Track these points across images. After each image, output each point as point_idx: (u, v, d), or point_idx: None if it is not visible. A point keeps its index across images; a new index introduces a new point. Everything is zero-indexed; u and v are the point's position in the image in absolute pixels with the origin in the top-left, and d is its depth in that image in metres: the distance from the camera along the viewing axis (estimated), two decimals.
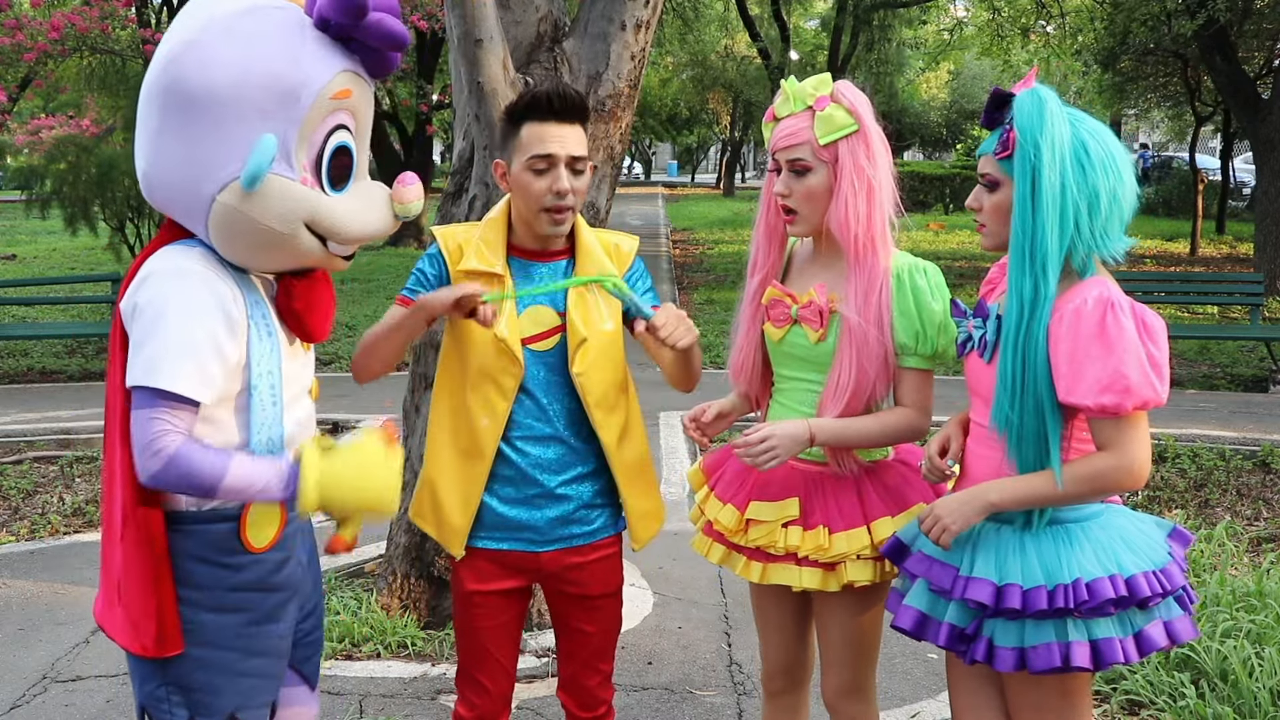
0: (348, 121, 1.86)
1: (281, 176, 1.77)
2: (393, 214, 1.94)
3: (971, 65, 32.31)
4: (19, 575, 4.57)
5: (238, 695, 1.91)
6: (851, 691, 2.35)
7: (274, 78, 1.74)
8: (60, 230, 11.73)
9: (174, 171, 1.81)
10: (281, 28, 1.79)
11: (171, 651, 1.84)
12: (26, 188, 10.53)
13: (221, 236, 1.81)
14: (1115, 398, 1.83)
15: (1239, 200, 23.94)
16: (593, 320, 2.27)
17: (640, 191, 35.07)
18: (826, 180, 2.20)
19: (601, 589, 2.36)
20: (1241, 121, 13.68)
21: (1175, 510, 5.38)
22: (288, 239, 1.81)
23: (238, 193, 1.75)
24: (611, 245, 2.34)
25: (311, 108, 1.78)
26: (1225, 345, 10.03)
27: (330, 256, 1.90)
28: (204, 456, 1.74)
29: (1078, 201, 1.88)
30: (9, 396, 7.95)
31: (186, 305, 1.75)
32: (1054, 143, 1.88)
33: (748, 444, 2.19)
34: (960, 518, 1.97)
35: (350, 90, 1.83)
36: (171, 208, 1.86)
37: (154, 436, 1.72)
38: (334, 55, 1.82)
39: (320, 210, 1.82)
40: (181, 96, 1.76)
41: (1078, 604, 1.88)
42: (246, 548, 1.89)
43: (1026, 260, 1.91)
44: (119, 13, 10.87)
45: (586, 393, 2.25)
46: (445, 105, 16.75)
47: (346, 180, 1.89)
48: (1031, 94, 1.92)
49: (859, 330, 2.19)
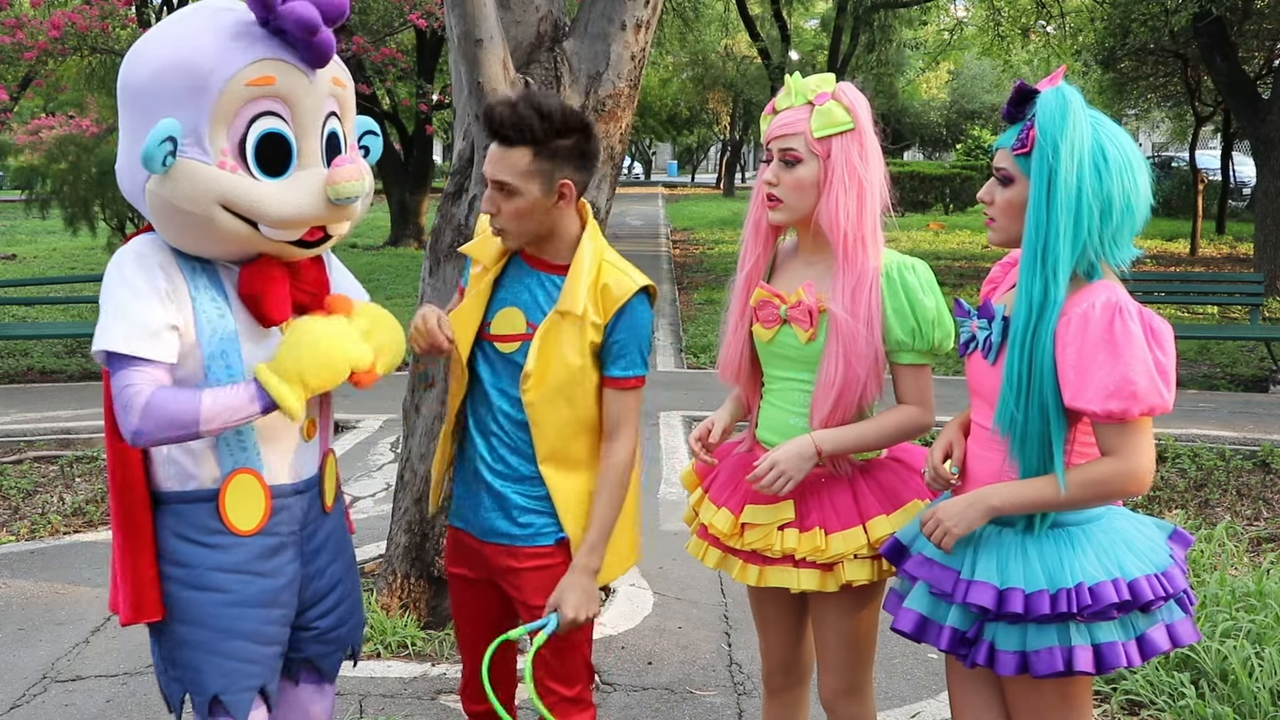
0: (277, 109, 1.89)
1: (193, 160, 1.85)
2: (326, 198, 1.92)
3: (971, 65, 32.30)
4: (19, 575, 4.57)
5: (221, 677, 1.98)
6: (849, 692, 2.35)
7: (186, 66, 1.84)
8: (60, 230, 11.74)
9: (125, 161, 1.95)
10: (209, 23, 1.89)
11: (149, 618, 1.96)
12: (26, 187, 10.53)
13: (156, 221, 1.92)
14: (1122, 403, 1.82)
15: (1239, 200, 23.94)
16: (550, 353, 2.17)
17: (640, 191, 35.08)
18: (816, 174, 2.20)
19: (539, 600, 2.23)
20: (1241, 121, 13.68)
21: (1175, 510, 5.38)
22: (203, 220, 1.87)
23: (155, 178, 1.86)
24: (600, 286, 2.19)
25: (223, 94, 1.83)
26: (1225, 345, 10.03)
27: (271, 242, 1.93)
28: (175, 398, 1.85)
29: (1091, 206, 1.87)
30: (9, 396, 7.95)
31: (123, 277, 1.88)
32: (1074, 145, 1.86)
33: (757, 477, 2.20)
34: (963, 521, 1.97)
35: (272, 78, 1.87)
36: (132, 198, 1.97)
37: (125, 396, 1.84)
38: (255, 45, 1.87)
39: (235, 192, 1.86)
40: (123, 93, 1.93)
41: (1080, 608, 1.88)
42: (230, 529, 1.96)
43: (1038, 262, 1.90)
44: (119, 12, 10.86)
45: (533, 423, 2.20)
46: (445, 105, 16.75)
47: (285, 168, 1.92)
48: (1056, 93, 1.90)
49: (847, 326, 2.18)
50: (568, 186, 2.15)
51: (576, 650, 2.28)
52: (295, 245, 1.95)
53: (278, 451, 2.01)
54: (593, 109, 3.71)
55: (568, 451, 2.22)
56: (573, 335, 2.17)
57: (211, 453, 1.96)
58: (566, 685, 2.28)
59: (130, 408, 1.83)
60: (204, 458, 1.96)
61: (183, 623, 1.97)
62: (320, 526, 2.13)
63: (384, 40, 12.73)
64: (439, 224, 3.91)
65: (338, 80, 2.00)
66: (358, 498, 5.66)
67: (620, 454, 2.22)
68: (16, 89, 12.71)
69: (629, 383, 2.21)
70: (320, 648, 2.16)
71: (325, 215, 1.95)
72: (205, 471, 1.96)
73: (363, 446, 6.66)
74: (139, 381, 1.84)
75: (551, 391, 2.18)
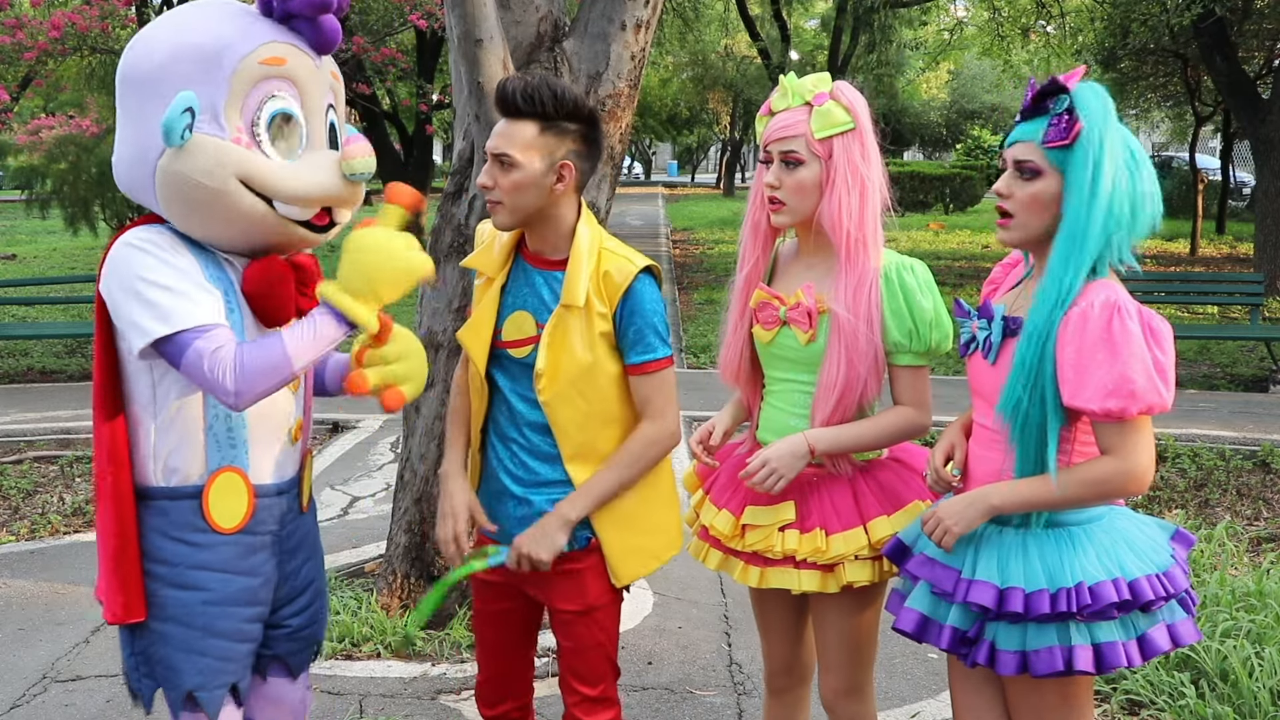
0: (286, 90, 1.92)
1: (210, 136, 1.86)
2: (341, 175, 1.96)
3: (971, 65, 32.29)
4: (19, 575, 4.57)
5: (197, 674, 1.98)
6: (849, 692, 2.34)
7: (197, 49, 1.87)
8: (60, 230, 11.75)
9: (127, 151, 1.94)
10: (217, 10, 1.93)
11: (134, 618, 1.95)
12: (27, 187, 10.54)
13: (166, 201, 1.90)
14: (1120, 402, 1.82)
15: (1239, 200, 23.94)
16: (560, 350, 2.16)
17: (640, 191, 35.07)
18: (817, 175, 2.19)
19: (566, 604, 2.24)
20: (1241, 121, 13.68)
21: (1175, 510, 5.38)
22: (221, 194, 1.87)
23: (171, 153, 1.85)
24: (601, 274, 2.17)
25: (236, 72, 1.86)
26: (1225, 345, 10.04)
27: (282, 223, 1.93)
28: (258, 350, 1.84)
29: (1123, 203, 1.89)
30: (9, 396, 7.95)
31: (151, 260, 1.86)
32: (1114, 140, 1.88)
33: (749, 474, 2.19)
34: (963, 520, 1.97)
35: (284, 59, 1.90)
36: (133, 189, 1.97)
37: (210, 365, 1.82)
38: (264, 27, 1.91)
39: (253, 166, 1.88)
40: (127, 83, 1.93)
41: (1080, 607, 1.88)
42: (212, 527, 1.96)
43: (1075, 251, 1.89)
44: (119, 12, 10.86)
45: (553, 422, 2.20)
46: (445, 105, 16.73)
47: (295, 149, 1.95)
48: (1093, 88, 1.91)
49: (848, 326, 2.18)
50: (568, 168, 2.14)
51: (598, 649, 2.28)
52: (304, 228, 1.96)
53: (265, 451, 2.02)
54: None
55: (594, 446, 2.21)
56: (580, 328, 2.16)
57: (200, 448, 1.95)
58: (589, 685, 2.28)
59: (223, 374, 1.81)
60: (193, 452, 1.95)
61: (162, 620, 1.97)
62: (297, 527, 2.13)
63: (384, 40, 12.72)
64: (439, 224, 3.91)
65: (335, 74, 2.05)
66: (358, 498, 5.66)
67: (647, 430, 2.21)
68: (16, 89, 12.69)
69: (650, 367, 2.19)
70: (290, 645, 2.17)
71: (340, 191, 1.97)
72: (192, 467, 1.95)
73: (363, 446, 6.66)
74: (214, 347, 1.82)
75: (566, 387, 2.17)
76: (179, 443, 1.95)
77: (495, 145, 2.13)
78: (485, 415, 2.30)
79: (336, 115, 2.04)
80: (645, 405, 2.22)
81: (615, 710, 2.32)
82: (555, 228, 2.20)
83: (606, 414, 2.21)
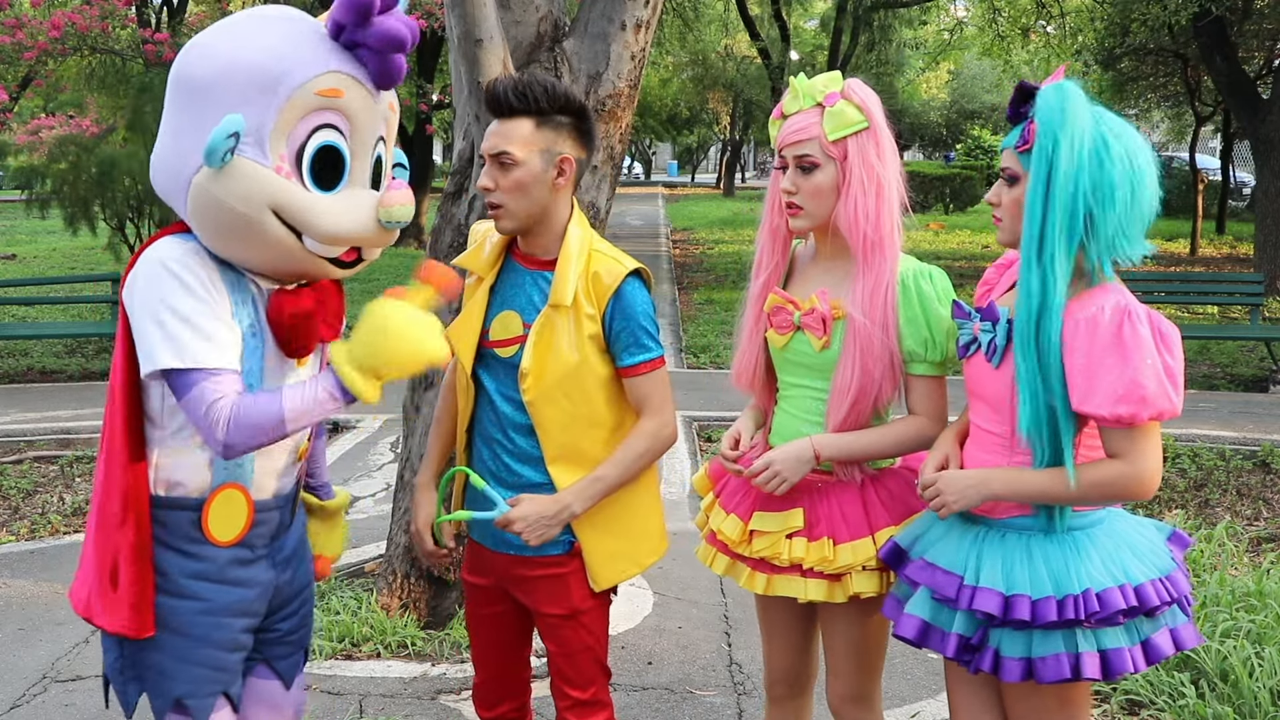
0: (338, 123, 1.85)
1: (251, 160, 1.80)
2: (377, 219, 1.90)
3: (971, 65, 32.28)
4: (19, 575, 4.57)
5: (187, 683, 1.96)
6: (857, 699, 2.33)
7: (256, 67, 1.80)
8: (60, 230, 11.73)
9: (166, 155, 1.89)
10: (280, 28, 1.85)
11: (146, 634, 1.91)
12: (26, 187, 10.52)
13: (196, 218, 1.86)
14: (1131, 408, 1.81)
15: (1239, 200, 23.93)
16: (546, 349, 2.16)
17: (640, 191, 35.08)
18: (834, 177, 2.17)
19: (550, 608, 2.24)
20: (1241, 121, 13.68)
21: (1175, 510, 5.38)
22: (253, 222, 1.81)
23: (208, 172, 1.80)
24: (590, 275, 2.17)
25: (291, 100, 1.79)
26: (1225, 345, 10.03)
27: (309, 257, 1.88)
28: (257, 404, 1.81)
29: (1089, 198, 1.86)
30: (9, 396, 7.95)
31: (178, 284, 1.81)
32: (1074, 138, 1.85)
33: (753, 474, 2.18)
34: (963, 500, 1.97)
35: (341, 91, 1.83)
36: (165, 193, 1.93)
37: (207, 412, 1.79)
38: (328, 55, 1.83)
39: (289, 198, 1.82)
40: (178, 85, 1.87)
41: (1088, 615, 1.87)
42: (208, 539, 1.94)
43: (1034, 255, 1.89)
44: (119, 12, 10.86)
45: (537, 423, 2.19)
46: (445, 105, 16.74)
47: (336, 183, 1.88)
48: (1056, 88, 1.89)
49: (864, 330, 2.15)
50: (567, 162, 2.14)
51: (587, 652, 2.27)
52: (331, 263, 1.92)
53: (269, 469, 2.00)
54: (593, 109, 3.71)
55: (577, 449, 2.20)
56: (567, 328, 2.16)
57: (206, 465, 1.93)
58: (580, 688, 2.27)
59: (214, 424, 1.78)
60: (198, 468, 1.93)
61: (157, 629, 1.93)
62: (290, 535, 2.12)
63: None
64: (439, 224, 3.91)
65: (392, 105, 1.97)
66: (358, 498, 5.66)
67: (648, 425, 2.21)
68: (16, 89, 12.71)
69: (641, 369, 2.19)
70: (279, 649, 2.16)
71: (372, 236, 1.92)
72: (196, 481, 1.93)
73: (363, 446, 6.67)
74: (216, 396, 1.79)
75: (551, 387, 2.16)
76: (184, 458, 1.93)
77: (493, 145, 2.13)
78: (470, 416, 2.30)
79: (386, 148, 1.98)
80: (644, 403, 2.22)
81: (607, 712, 2.31)
82: (549, 228, 2.20)
83: (591, 416, 2.20)
